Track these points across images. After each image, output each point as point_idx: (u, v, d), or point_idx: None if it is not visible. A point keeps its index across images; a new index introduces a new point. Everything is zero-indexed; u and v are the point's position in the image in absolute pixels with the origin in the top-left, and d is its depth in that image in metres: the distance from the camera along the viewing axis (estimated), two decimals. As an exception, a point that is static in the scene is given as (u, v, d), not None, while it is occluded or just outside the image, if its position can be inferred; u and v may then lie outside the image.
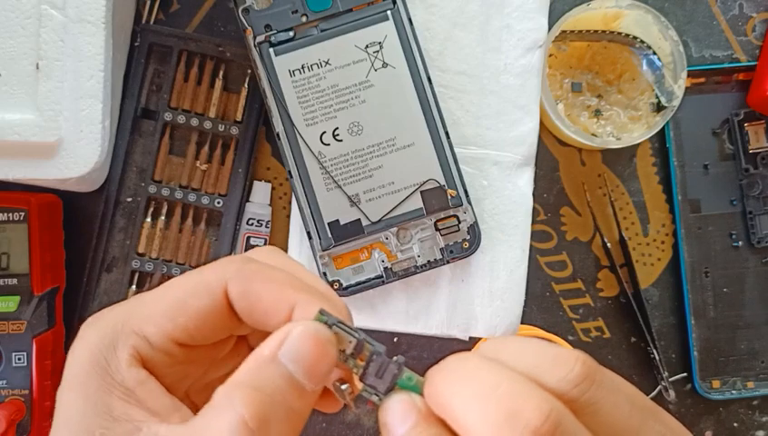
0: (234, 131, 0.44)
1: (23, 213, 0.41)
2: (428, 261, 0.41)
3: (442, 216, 0.41)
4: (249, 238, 0.44)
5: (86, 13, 0.37)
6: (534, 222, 0.45)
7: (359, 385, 0.21)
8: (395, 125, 0.40)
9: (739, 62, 0.47)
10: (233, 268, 0.22)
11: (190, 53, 0.44)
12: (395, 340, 0.46)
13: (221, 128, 0.44)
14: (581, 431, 0.18)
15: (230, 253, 0.44)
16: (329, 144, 0.40)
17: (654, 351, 0.46)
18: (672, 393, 0.46)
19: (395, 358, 0.21)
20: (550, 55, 0.45)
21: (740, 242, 0.46)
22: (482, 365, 0.19)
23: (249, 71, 0.44)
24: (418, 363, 0.46)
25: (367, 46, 0.40)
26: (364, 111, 0.40)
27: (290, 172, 0.40)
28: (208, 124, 0.44)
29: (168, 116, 0.43)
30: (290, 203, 0.45)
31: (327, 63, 0.40)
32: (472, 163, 0.42)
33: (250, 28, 0.39)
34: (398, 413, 0.20)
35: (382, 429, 0.20)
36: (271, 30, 0.39)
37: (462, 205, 0.40)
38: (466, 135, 0.42)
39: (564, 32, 0.44)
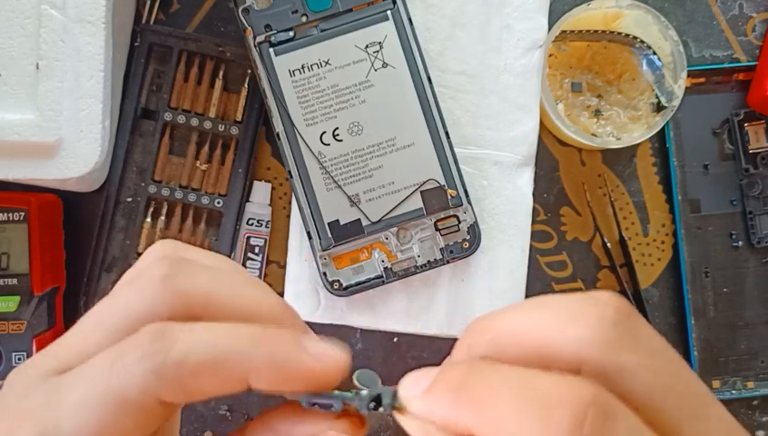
0: (234, 131, 0.44)
1: (23, 213, 0.41)
2: (428, 261, 0.41)
3: (442, 216, 0.41)
4: (249, 238, 0.44)
5: (86, 13, 0.37)
6: (534, 222, 0.45)
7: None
8: (395, 125, 0.40)
9: (739, 62, 0.47)
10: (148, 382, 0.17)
11: (190, 53, 0.44)
12: (395, 340, 0.46)
13: (221, 128, 0.44)
14: (624, 414, 0.16)
15: (230, 253, 0.44)
16: (329, 144, 0.40)
17: (654, 351, 0.46)
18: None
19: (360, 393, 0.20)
20: (550, 55, 0.45)
21: (740, 242, 0.46)
22: (484, 374, 0.18)
23: (249, 71, 0.44)
24: (419, 363, 0.46)
25: (367, 46, 0.40)
26: (364, 111, 0.40)
27: (290, 172, 0.40)
28: (208, 124, 0.44)
29: (168, 116, 0.43)
30: (290, 203, 0.45)
31: (327, 63, 0.40)
32: (472, 163, 0.42)
33: (250, 28, 0.39)
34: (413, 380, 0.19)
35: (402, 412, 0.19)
36: (271, 30, 0.39)
37: (462, 205, 0.40)
38: (466, 135, 0.42)
39: (564, 32, 0.44)
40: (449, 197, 0.40)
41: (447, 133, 0.40)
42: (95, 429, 0.17)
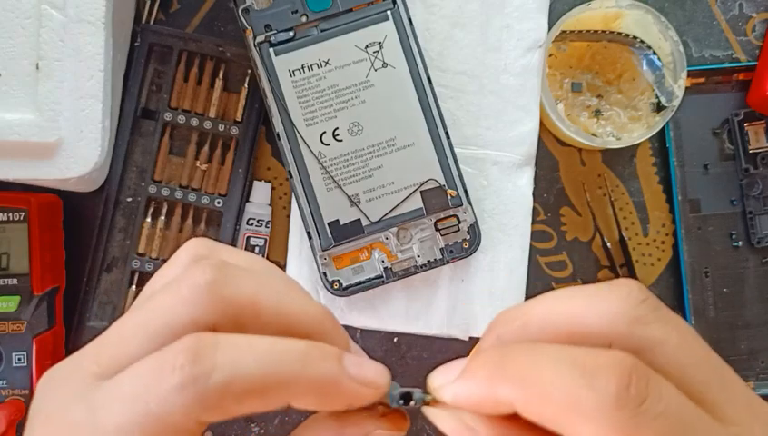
0: (234, 131, 0.44)
1: (23, 213, 0.41)
2: (428, 261, 0.41)
3: (442, 216, 0.41)
4: (249, 238, 0.44)
5: (86, 13, 0.37)
6: (534, 222, 0.45)
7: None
8: (395, 125, 0.40)
9: (739, 62, 0.47)
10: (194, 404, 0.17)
11: (190, 53, 0.44)
12: (395, 340, 0.46)
13: (221, 128, 0.44)
14: (658, 380, 0.17)
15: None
16: (329, 144, 0.40)
17: (654, 351, 0.46)
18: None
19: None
20: (550, 55, 0.45)
21: (740, 242, 0.46)
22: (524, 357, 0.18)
23: (249, 71, 0.44)
24: (419, 363, 0.46)
25: (367, 46, 0.40)
26: (364, 111, 0.40)
27: (290, 172, 0.40)
28: (208, 124, 0.44)
29: (168, 116, 0.43)
30: (290, 203, 0.45)
31: (327, 63, 0.40)
32: (472, 163, 0.42)
33: (250, 28, 0.39)
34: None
35: None
36: (271, 30, 0.39)
37: (462, 205, 0.40)
38: (466, 135, 0.42)
39: (564, 32, 0.44)
40: (449, 197, 0.40)
41: (447, 133, 0.40)
42: None
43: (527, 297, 0.43)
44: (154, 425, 0.17)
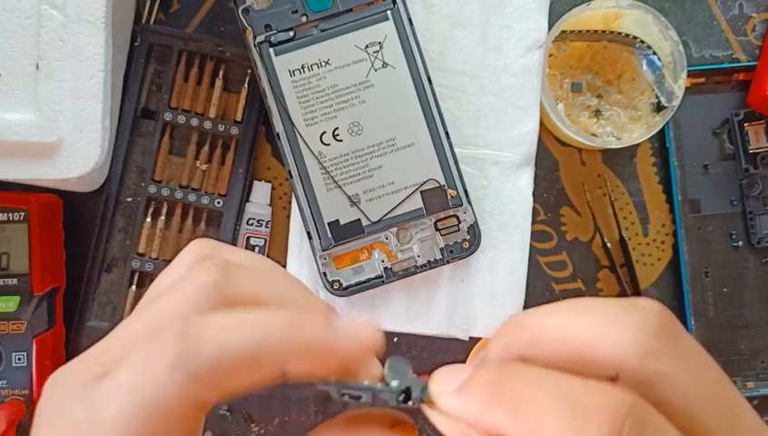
0: (234, 131, 0.44)
1: (23, 213, 0.41)
2: (428, 261, 0.41)
3: (442, 216, 0.41)
4: (249, 238, 0.44)
5: (86, 13, 0.37)
6: (534, 222, 0.45)
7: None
8: (395, 125, 0.40)
9: (739, 62, 0.47)
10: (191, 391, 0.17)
11: (190, 53, 0.44)
12: (395, 340, 0.46)
13: (221, 128, 0.44)
14: (661, 424, 0.16)
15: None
16: (329, 144, 0.40)
17: (654, 351, 0.46)
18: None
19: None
20: (550, 55, 0.45)
21: (740, 242, 0.46)
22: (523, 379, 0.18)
23: (249, 71, 0.44)
24: (419, 363, 0.46)
25: (367, 46, 0.40)
26: (364, 111, 0.40)
27: (290, 172, 0.40)
28: (208, 124, 0.44)
29: (168, 116, 0.43)
30: (290, 203, 0.45)
31: (327, 63, 0.40)
32: (472, 163, 0.42)
33: (250, 28, 0.39)
34: None
35: None
36: (271, 30, 0.40)
37: (462, 205, 0.40)
38: (466, 135, 0.42)
39: (564, 32, 0.44)
40: (449, 197, 0.40)
41: (447, 133, 0.40)
42: None
43: (527, 298, 0.43)
44: (151, 412, 0.17)
